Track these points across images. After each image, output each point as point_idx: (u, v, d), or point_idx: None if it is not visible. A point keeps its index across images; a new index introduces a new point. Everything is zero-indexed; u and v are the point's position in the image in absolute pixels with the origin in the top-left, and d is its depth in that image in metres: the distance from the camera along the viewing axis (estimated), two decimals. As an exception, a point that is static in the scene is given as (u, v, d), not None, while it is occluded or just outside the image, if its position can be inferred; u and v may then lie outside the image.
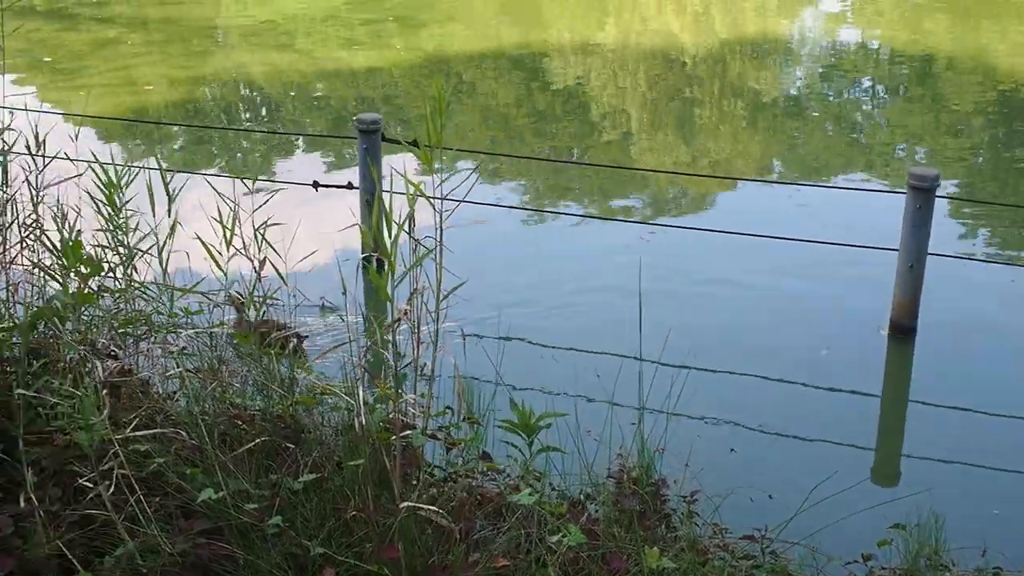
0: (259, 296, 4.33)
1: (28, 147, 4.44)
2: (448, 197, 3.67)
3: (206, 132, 10.87)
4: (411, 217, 3.56)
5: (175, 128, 11.01)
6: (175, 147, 10.75)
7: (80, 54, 14.28)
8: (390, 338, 3.69)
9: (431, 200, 3.69)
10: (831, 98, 12.86)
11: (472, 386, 4.22)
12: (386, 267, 3.47)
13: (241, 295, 4.65)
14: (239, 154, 10.61)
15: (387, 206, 3.72)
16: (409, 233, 3.57)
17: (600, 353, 5.79)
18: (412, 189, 3.67)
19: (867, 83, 13.66)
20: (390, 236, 3.41)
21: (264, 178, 4.58)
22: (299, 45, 15.31)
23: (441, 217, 3.71)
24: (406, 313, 3.68)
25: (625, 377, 4.49)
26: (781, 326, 6.69)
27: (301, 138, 10.70)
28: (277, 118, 12.07)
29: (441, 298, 3.65)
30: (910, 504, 4.31)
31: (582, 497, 3.94)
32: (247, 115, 12.32)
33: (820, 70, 14.07)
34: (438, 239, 3.69)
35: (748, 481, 4.54)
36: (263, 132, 10.82)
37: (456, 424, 3.96)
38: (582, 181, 9.48)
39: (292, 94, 12.79)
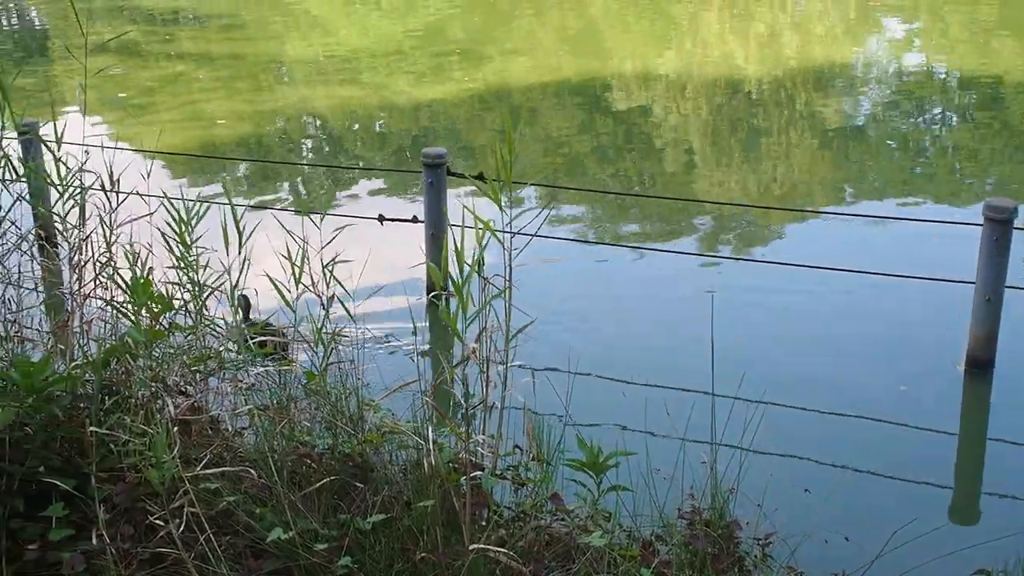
0: (327, 332, 4.34)
1: (103, 185, 4.50)
2: (519, 232, 3.65)
3: (271, 166, 10.98)
4: (481, 257, 3.54)
5: (241, 162, 11.15)
6: (241, 181, 10.87)
7: (150, 90, 14.55)
8: (459, 377, 3.66)
9: (500, 238, 3.68)
10: (900, 126, 12.68)
11: (540, 424, 4.17)
12: (456, 305, 3.45)
13: (247, 297, 4.67)
14: (305, 188, 10.70)
15: (456, 242, 3.71)
16: (479, 273, 3.56)
17: (671, 388, 5.73)
18: (481, 227, 3.65)
19: (936, 110, 13.46)
20: (460, 273, 3.39)
21: (330, 212, 4.60)
22: (363, 79, 15.45)
23: (510, 255, 3.69)
24: (475, 352, 3.65)
25: (696, 414, 4.42)
26: (855, 361, 6.56)
27: (366, 172, 10.77)
28: (341, 152, 12.17)
29: (510, 337, 3.63)
30: (993, 547, 4.18)
31: (653, 538, 3.87)
32: (312, 149, 12.44)
33: (887, 97, 13.90)
34: (507, 278, 3.67)
35: (823, 522, 4.45)
36: (329, 167, 10.91)
37: (525, 465, 3.92)
38: (648, 213, 9.42)
39: (356, 128, 12.89)
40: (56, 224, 4.52)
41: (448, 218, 7.02)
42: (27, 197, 5.23)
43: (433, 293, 3.90)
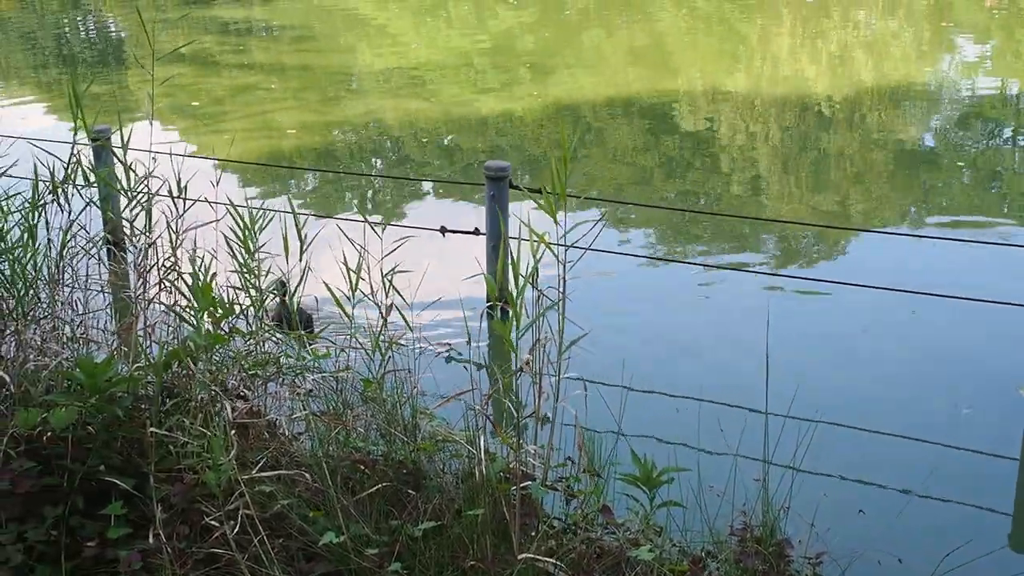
0: (384, 341, 4.39)
1: (170, 191, 4.60)
2: (573, 246, 3.68)
3: (337, 176, 11.12)
4: (535, 270, 3.57)
5: (308, 172, 11.30)
6: (307, 191, 11.01)
7: (221, 99, 14.80)
8: (512, 388, 3.69)
9: (555, 251, 3.70)
10: (970, 147, 12.50)
11: (592, 437, 4.18)
12: (511, 316, 3.48)
13: (285, 280, 4.73)
14: (370, 199, 10.82)
15: (513, 254, 3.74)
16: (534, 285, 3.58)
17: (724, 405, 5.70)
18: (536, 240, 3.69)
19: (1007, 132, 13.25)
20: (516, 286, 3.42)
21: (394, 223, 4.67)
22: (431, 92, 15.58)
23: (565, 268, 3.71)
24: (528, 364, 3.68)
25: (750, 431, 4.40)
26: (914, 382, 6.47)
27: (430, 183, 10.86)
28: (407, 163, 12.27)
29: (563, 349, 3.65)
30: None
31: (703, 554, 3.86)
32: (378, 160, 12.57)
33: (958, 118, 13.71)
34: (561, 291, 3.69)
35: (876, 544, 4.40)
36: (395, 178, 11.01)
37: (576, 477, 3.94)
38: (710, 229, 9.39)
39: (422, 140, 12.99)
40: (124, 229, 4.63)
41: (509, 231, 7.05)
42: (97, 202, 5.37)
43: (489, 304, 3.93)
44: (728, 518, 4.00)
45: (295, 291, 4.55)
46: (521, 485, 3.47)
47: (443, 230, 7.50)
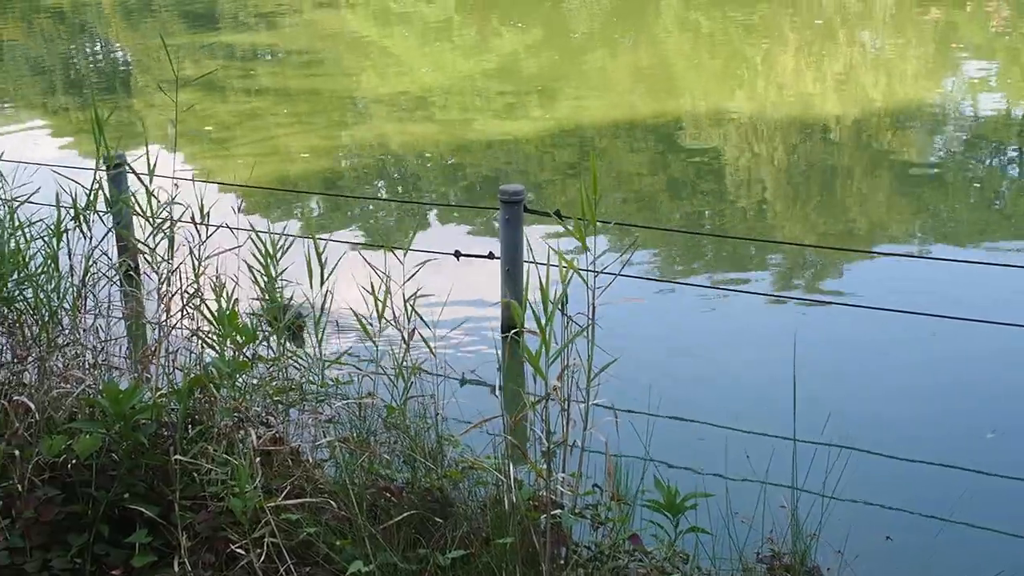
0: (407, 367, 4.38)
1: (192, 217, 4.60)
2: (603, 271, 3.66)
3: (346, 200, 11.12)
4: (564, 296, 3.55)
5: (320, 196, 11.31)
6: (320, 215, 11.02)
7: (231, 124, 14.83)
8: (540, 414, 3.66)
9: (584, 276, 3.69)
10: (978, 168, 12.50)
11: (619, 464, 4.16)
12: (539, 343, 3.47)
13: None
14: (379, 223, 10.82)
15: (537, 279, 3.72)
16: (563, 311, 3.57)
17: (751, 432, 5.67)
18: (564, 265, 3.67)
19: (1013, 151, 13.26)
20: (544, 311, 3.41)
21: (412, 248, 4.67)
22: (437, 115, 15.61)
23: (593, 294, 3.70)
24: (556, 390, 3.66)
25: (777, 458, 4.38)
26: (941, 407, 6.45)
27: (439, 207, 10.85)
28: (415, 187, 12.28)
29: (593, 376, 3.63)
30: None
31: (732, 582, 3.84)
32: (386, 184, 12.58)
33: (965, 138, 13.72)
34: (590, 316, 3.67)
35: (906, 571, 4.37)
36: (407, 202, 11.01)
37: (607, 505, 3.91)
38: (727, 253, 9.37)
39: (429, 164, 13.01)
40: (145, 256, 4.62)
41: (523, 255, 7.05)
42: (116, 228, 5.37)
43: (514, 330, 3.91)
44: (756, 546, 3.98)
45: (319, 318, 4.53)
46: (551, 513, 3.45)
47: (457, 254, 7.50)
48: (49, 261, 4.49)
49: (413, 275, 4.59)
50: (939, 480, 5.61)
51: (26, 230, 4.62)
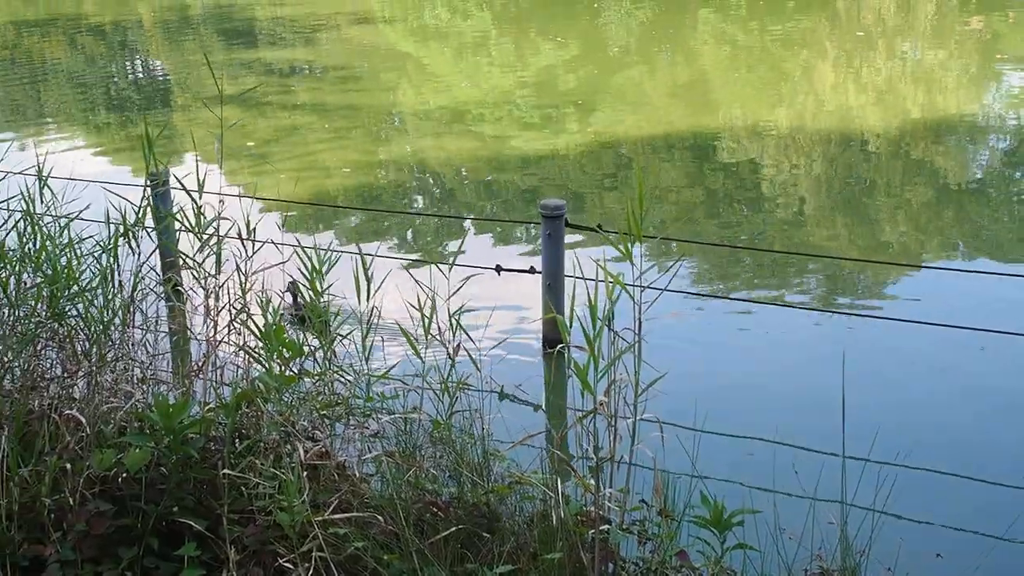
0: (452, 383, 4.39)
1: (239, 233, 4.63)
2: (649, 286, 3.66)
3: (384, 214, 11.17)
4: (612, 311, 3.55)
5: (357, 211, 11.36)
6: (360, 230, 11.06)
7: (271, 140, 14.95)
8: (587, 429, 3.66)
9: (631, 291, 3.68)
10: (1022, 181, 12.38)
11: (667, 479, 4.14)
12: (586, 358, 3.46)
13: (298, 282, 4.71)
14: (419, 237, 10.86)
15: (578, 293, 3.72)
16: (609, 327, 3.56)
17: (799, 447, 5.63)
18: (610, 280, 3.67)
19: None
20: (593, 326, 3.41)
21: (448, 261, 4.69)
22: (474, 130, 15.66)
23: (640, 309, 3.69)
24: (603, 405, 3.65)
25: (826, 474, 4.35)
26: (991, 422, 6.37)
27: (477, 222, 10.87)
28: (453, 201, 12.31)
29: (640, 391, 3.62)
30: None
31: (780, 599, 3.81)
32: (425, 199, 12.62)
33: (1007, 151, 13.59)
34: (636, 332, 3.67)
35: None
36: (450, 216, 11.03)
37: (654, 521, 3.90)
38: (770, 267, 9.31)
39: (466, 178, 13.04)
40: (192, 271, 4.66)
41: (564, 269, 7.05)
42: (162, 243, 5.43)
43: (560, 346, 3.91)
44: (805, 562, 3.95)
45: (365, 332, 4.55)
46: (600, 529, 3.44)
47: (498, 269, 7.51)
48: (100, 277, 4.54)
49: (458, 290, 4.60)
50: (991, 497, 5.54)
51: (77, 246, 4.68)
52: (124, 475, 3.90)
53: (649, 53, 22.29)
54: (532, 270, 7.35)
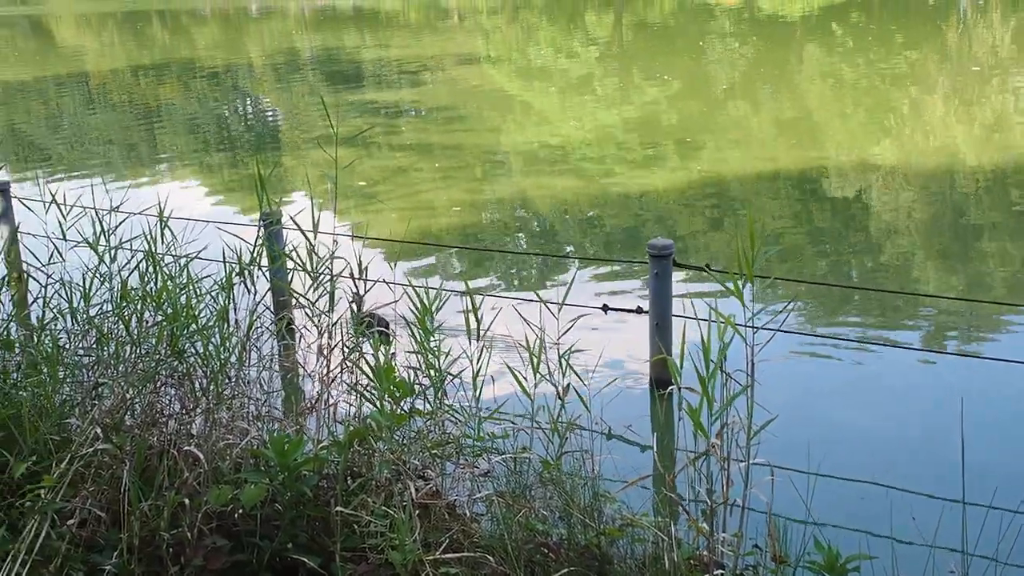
0: (562, 423, 4.38)
1: (351, 272, 4.71)
2: (763, 327, 3.62)
3: (487, 253, 11.23)
4: (724, 353, 3.52)
5: (463, 249, 11.46)
6: (465, 268, 11.16)
7: (377, 179, 15.20)
8: (700, 472, 3.62)
9: (743, 332, 3.64)
10: None
11: (780, 524, 4.07)
12: (699, 399, 3.44)
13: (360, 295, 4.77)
14: (522, 276, 10.90)
15: (687, 333, 3.69)
16: (722, 369, 3.53)
17: (916, 493, 5.47)
18: (721, 320, 3.64)
19: None
20: (706, 369, 3.38)
21: (556, 300, 4.71)
22: (579, 168, 15.71)
23: (752, 351, 3.65)
24: (715, 447, 3.62)
25: (946, 520, 4.23)
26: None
27: (581, 260, 10.87)
28: (556, 240, 12.34)
29: (753, 434, 3.58)
30: None
31: (900, 649, 3.70)
32: (529, 238, 12.67)
33: None
34: (749, 374, 3.63)
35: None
36: (558, 256, 11.05)
37: (770, 568, 3.82)
38: (881, 307, 9.11)
39: (570, 217, 13.06)
40: (305, 309, 4.75)
41: (671, 309, 7.01)
42: (273, 282, 5.54)
43: (671, 387, 3.89)
44: (925, 612, 3.84)
45: (477, 372, 4.58)
46: (713, 574, 3.39)
47: (605, 308, 7.50)
48: (217, 316, 4.66)
49: (568, 330, 4.61)
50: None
51: (195, 285, 4.81)
52: (240, 511, 3.96)
53: (754, 90, 22.15)
54: (639, 310, 7.32)
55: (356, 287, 4.69)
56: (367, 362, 4.53)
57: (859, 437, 6.50)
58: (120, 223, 5.37)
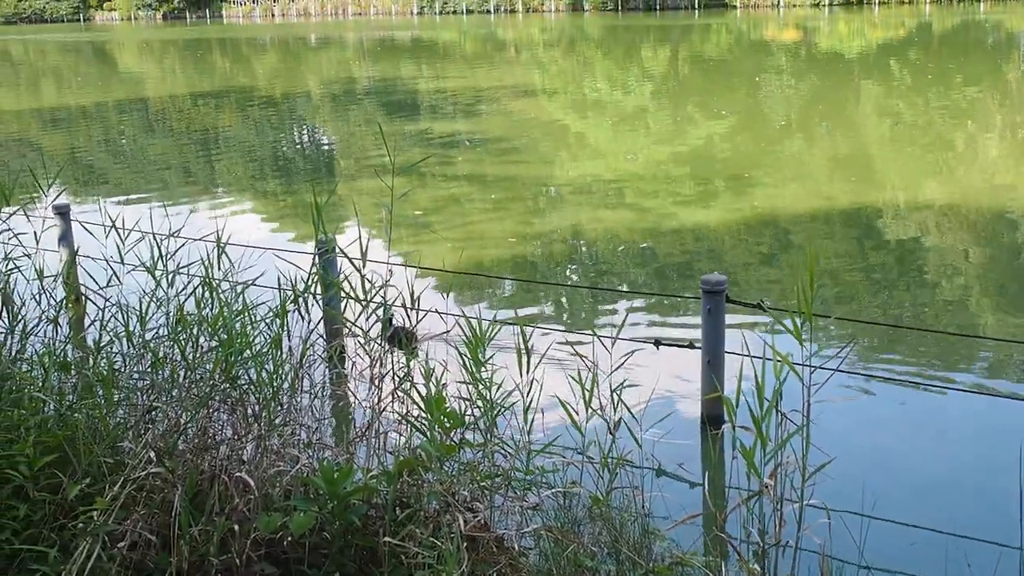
0: (612, 458, 4.35)
1: (403, 303, 4.72)
2: (820, 367, 3.57)
3: (540, 287, 11.23)
4: (779, 392, 3.48)
5: (515, 281, 11.47)
6: (517, 300, 11.16)
7: (431, 209, 15.27)
8: (753, 513, 3.57)
9: (799, 372, 3.60)
10: None
11: (832, 566, 4.00)
12: (753, 439, 3.40)
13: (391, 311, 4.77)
14: (573, 309, 10.87)
15: (741, 371, 3.65)
16: (777, 408, 3.49)
17: (972, 539, 5.35)
18: (778, 359, 3.60)
19: None
20: (760, 408, 3.34)
21: (616, 337, 4.68)
22: (632, 201, 15.70)
23: (809, 391, 3.61)
24: (768, 488, 3.57)
25: (1002, 568, 4.13)
26: None
27: (631, 295, 10.83)
28: (607, 274, 12.31)
29: (808, 476, 3.53)
30: None
31: None
32: (580, 271, 12.66)
33: None
34: (805, 415, 3.58)
35: None
36: (611, 290, 11.02)
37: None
38: (936, 348, 8.97)
39: (622, 250, 13.03)
40: (357, 338, 4.76)
41: (724, 345, 6.94)
42: (326, 311, 5.57)
43: (724, 425, 3.85)
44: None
45: (528, 405, 4.57)
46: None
47: (657, 343, 7.45)
48: (271, 343, 4.69)
49: (620, 365, 4.58)
50: None
51: (250, 312, 4.84)
52: (289, 539, 3.97)
53: (809, 126, 22.04)
54: (691, 345, 7.27)
55: (407, 316, 4.70)
56: (418, 392, 4.53)
57: (914, 479, 6.38)
58: (178, 248, 5.43)
